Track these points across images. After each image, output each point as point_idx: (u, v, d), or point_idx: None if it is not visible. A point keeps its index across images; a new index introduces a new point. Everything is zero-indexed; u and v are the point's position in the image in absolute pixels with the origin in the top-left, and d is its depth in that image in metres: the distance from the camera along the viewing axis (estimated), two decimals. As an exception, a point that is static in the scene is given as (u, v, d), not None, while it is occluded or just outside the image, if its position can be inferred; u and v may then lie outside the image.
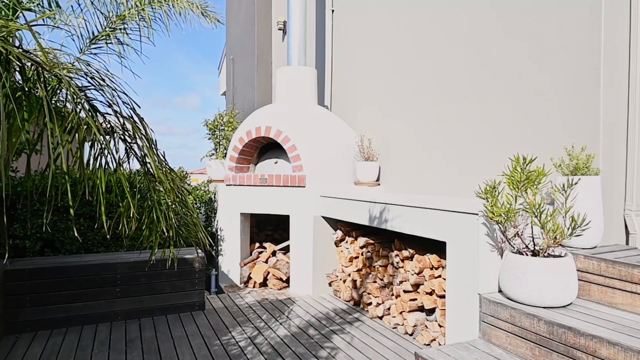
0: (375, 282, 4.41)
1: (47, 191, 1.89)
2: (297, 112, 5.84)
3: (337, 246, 5.30)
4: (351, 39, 6.57)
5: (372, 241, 4.52)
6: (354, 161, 5.77)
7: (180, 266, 4.50)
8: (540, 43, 3.54)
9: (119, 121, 2.35)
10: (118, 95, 2.37)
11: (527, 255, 2.59)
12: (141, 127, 2.43)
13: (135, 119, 2.36)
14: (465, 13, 4.34)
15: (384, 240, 4.46)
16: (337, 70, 6.94)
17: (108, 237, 4.77)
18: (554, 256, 2.59)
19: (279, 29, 9.84)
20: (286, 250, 6.04)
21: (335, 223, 5.31)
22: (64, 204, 4.55)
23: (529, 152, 3.52)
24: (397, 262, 4.00)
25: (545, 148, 3.43)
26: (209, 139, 6.84)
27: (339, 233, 5.16)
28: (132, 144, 2.34)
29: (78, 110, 2.06)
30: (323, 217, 5.26)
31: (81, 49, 4.47)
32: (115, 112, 2.34)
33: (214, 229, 6.18)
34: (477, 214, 2.78)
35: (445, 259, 3.44)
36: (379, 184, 5.62)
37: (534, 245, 2.64)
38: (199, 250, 4.96)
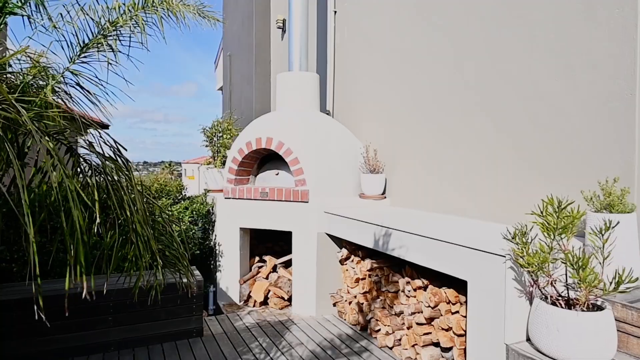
0: (384, 307, 4.18)
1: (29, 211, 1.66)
2: (299, 122, 5.55)
3: (341, 264, 5.06)
4: (355, 41, 6.27)
5: (380, 265, 4.27)
6: (358, 172, 5.51)
7: (177, 291, 4.23)
8: (565, 61, 3.28)
9: (100, 161, 2.14)
10: (101, 135, 2.17)
11: (561, 306, 2.35)
12: (124, 167, 2.22)
13: (120, 161, 2.14)
14: (478, 21, 4.05)
15: (392, 264, 4.22)
16: (340, 74, 6.65)
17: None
18: (592, 308, 2.34)
19: (279, 28, 9.51)
20: (287, 264, 5.79)
21: (339, 240, 5.06)
22: (54, 224, 4.27)
23: (551, 176, 3.27)
24: (409, 291, 3.76)
25: (570, 175, 3.18)
26: (207, 146, 6.55)
27: (344, 252, 4.91)
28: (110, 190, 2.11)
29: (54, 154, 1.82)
30: (327, 234, 5.00)
31: (71, 58, 4.17)
32: (98, 153, 2.13)
33: (211, 243, 5.92)
34: (504, 257, 2.54)
35: (464, 294, 3.20)
36: (384, 197, 5.37)
37: (568, 291, 2.40)
38: (197, 273, 4.70)
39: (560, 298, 2.40)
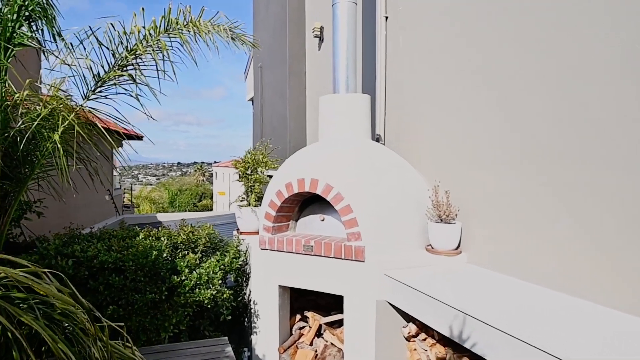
0: (475, 420, 3.12)
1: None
2: (349, 158, 4.54)
3: (407, 340, 4.02)
4: (413, 53, 5.21)
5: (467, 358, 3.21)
6: (424, 218, 4.44)
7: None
8: None
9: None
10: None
11: None
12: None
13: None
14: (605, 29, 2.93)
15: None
16: (393, 92, 5.59)
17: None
18: None
19: (315, 37, 8.55)
20: (336, 324, 4.79)
21: (405, 312, 4.02)
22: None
23: None
24: (521, 415, 2.69)
25: None
26: (239, 180, 5.65)
27: (412, 327, 3.88)
28: None
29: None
30: (389, 302, 3.97)
31: (85, 94, 3.38)
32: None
33: (246, 298, 5.01)
34: None
35: None
36: (459, 252, 4.28)
37: None
38: (229, 351, 3.80)
39: None
